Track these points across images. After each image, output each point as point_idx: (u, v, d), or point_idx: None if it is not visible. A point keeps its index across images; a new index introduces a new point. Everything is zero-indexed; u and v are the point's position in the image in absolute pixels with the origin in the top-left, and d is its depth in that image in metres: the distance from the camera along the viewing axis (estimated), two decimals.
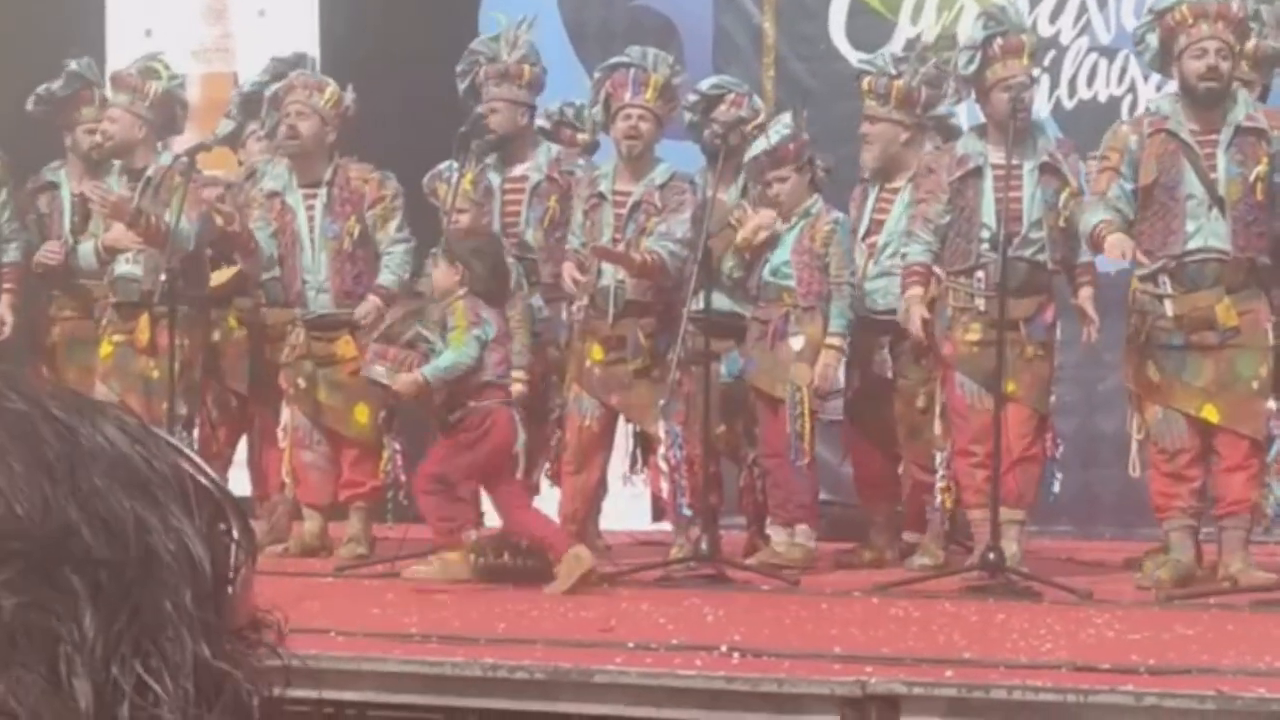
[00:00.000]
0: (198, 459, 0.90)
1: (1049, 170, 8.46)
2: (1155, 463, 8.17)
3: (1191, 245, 8.07)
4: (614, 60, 9.24)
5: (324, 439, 9.46)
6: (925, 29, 10.82)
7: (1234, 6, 8.13)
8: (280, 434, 9.63)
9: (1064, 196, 8.44)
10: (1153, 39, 8.26)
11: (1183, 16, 8.12)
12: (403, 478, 9.16)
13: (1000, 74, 8.47)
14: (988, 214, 8.45)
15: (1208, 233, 8.04)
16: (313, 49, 11.27)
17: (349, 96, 9.40)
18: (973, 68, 8.56)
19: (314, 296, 9.38)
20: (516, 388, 9.11)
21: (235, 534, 0.89)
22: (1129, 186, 8.15)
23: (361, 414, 9.34)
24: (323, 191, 9.33)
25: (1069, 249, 8.50)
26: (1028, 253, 8.41)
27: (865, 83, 9.07)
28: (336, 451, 9.48)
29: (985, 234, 8.43)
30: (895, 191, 9.02)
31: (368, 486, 9.32)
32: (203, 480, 0.88)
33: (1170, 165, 8.09)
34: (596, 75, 9.30)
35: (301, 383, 9.39)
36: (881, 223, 9.06)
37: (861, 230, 9.08)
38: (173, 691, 0.84)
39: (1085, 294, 8.47)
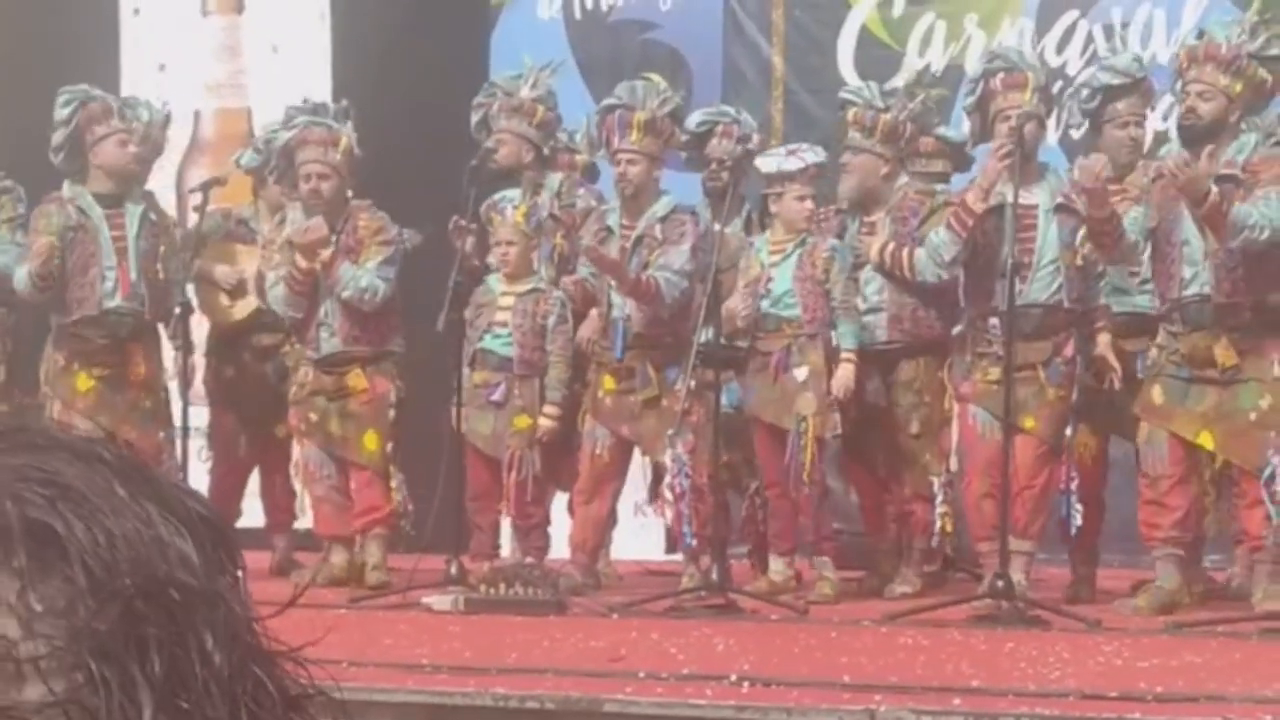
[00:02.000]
0: (183, 485, 0.93)
1: (1065, 210, 8.49)
2: (1141, 490, 8.23)
3: (1189, 292, 8.11)
4: (606, 101, 9.26)
5: (334, 472, 9.52)
6: (933, 60, 10.89)
7: (1223, 48, 8.15)
8: (292, 470, 9.69)
9: (1080, 236, 8.47)
10: (1179, 84, 8.33)
11: (1182, 61, 8.27)
12: (410, 507, 9.22)
13: (1001, 106, 8.53)
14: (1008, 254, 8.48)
15: (1202, 281, 8.07)
16: (325, 84, 11.36)
17: (352, 135, 9.42)
18: (971, 99, 8.63)
19: (326, 338, 9.43)
20: (546, 423, 9.14)
21: (236, 559, 0.91)
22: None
23: (371, 440, 9.40)
24: (334, 240, 9.37)
25: (1086, 288, 8.54)
26: (1043, 297, 8.43)
27: (851, 114, 9.07)
28: (347, 482, 9.54)
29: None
30: (874, 224, 9.06)
31: (384, 511, 9.38)
32: (194, 506, 0.90)
33: (1169, 211, 8.12)
34: (595, 116, 9.34)
35: (314, 417, 9.45)
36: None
37: None
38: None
39: (1104, 341, 8.51)
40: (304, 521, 10.10)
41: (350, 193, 9.48)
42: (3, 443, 0.88)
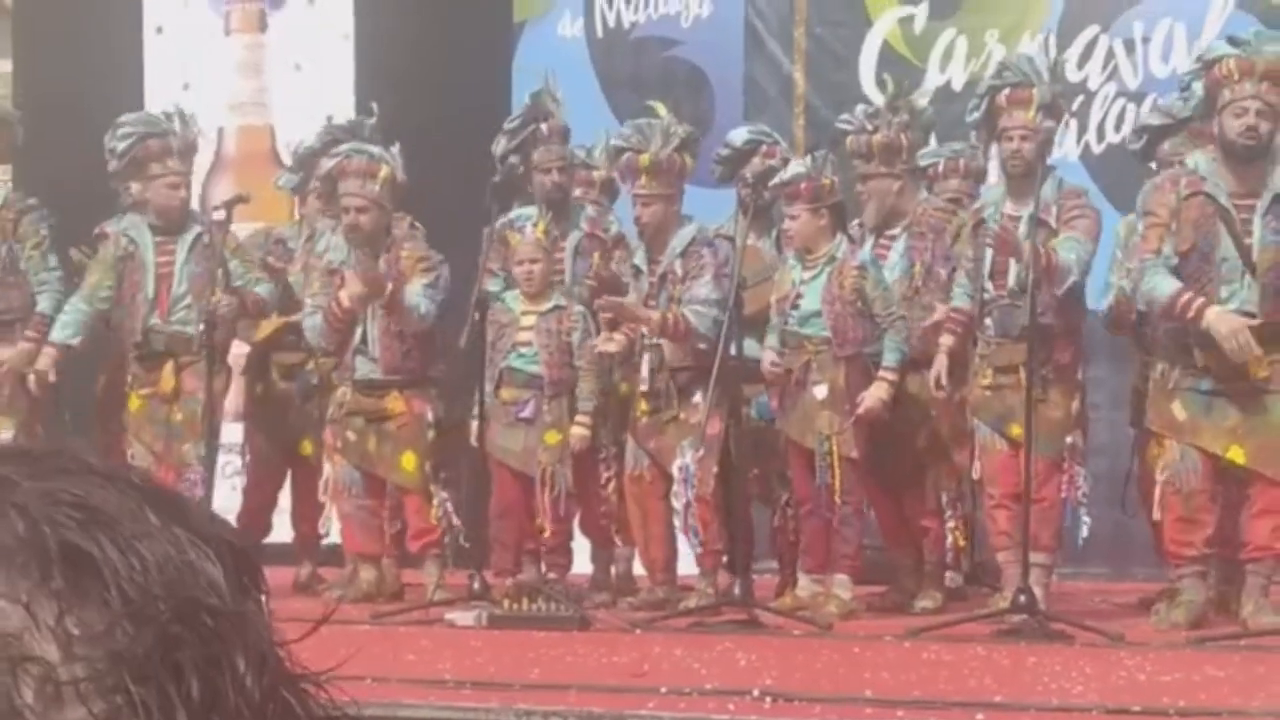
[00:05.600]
0: (209, 510, 0.95)
1: (1042, 225, 8.37)
2: (1170, 506, 8.15)
3: (1228, 309, 8.05)
4: (614, 143, 9.26)
5: (363, 490, 9.53)
6: (954, 76, 10.91)
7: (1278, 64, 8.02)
8: (321, 487, 9.70)
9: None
10: (1198, 87, 8.23)
11: (1228, 71, 8.00)
12: (454, 522, 9.21)
13: (1005, 124, 8.53)
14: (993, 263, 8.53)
15: (1241, 299, 7.98)
16: (348, 102, 11.40)
17: (398, 160, 9.39)
18: (976, 115, 8.64)
19: (363, 365, 9.42)
20: (579, 432, 9.15)
21: (259, 583, 0.93)
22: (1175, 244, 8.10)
23: (409, 461, 9.39)
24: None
25: (1063, 306, 8.42)
26: (1025, 302, 8.41)
27: (848, 142, 9.06)
28: (379, 502, 9.56)
29: (990, 283, 8.54)
30: (892, 239, 9.07)
31: (437, 534, 9.40)
32: (219, 531, 0.92)
33: (1207, 230, 7.99)
34: (611, 149, 9.36)
35: (351, 436, 9.46)
36: None
37: None
38: None
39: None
40: (330, 539, 10.13)
41: (391, 221, 9.39)
42: (36, 466, 0.89)
